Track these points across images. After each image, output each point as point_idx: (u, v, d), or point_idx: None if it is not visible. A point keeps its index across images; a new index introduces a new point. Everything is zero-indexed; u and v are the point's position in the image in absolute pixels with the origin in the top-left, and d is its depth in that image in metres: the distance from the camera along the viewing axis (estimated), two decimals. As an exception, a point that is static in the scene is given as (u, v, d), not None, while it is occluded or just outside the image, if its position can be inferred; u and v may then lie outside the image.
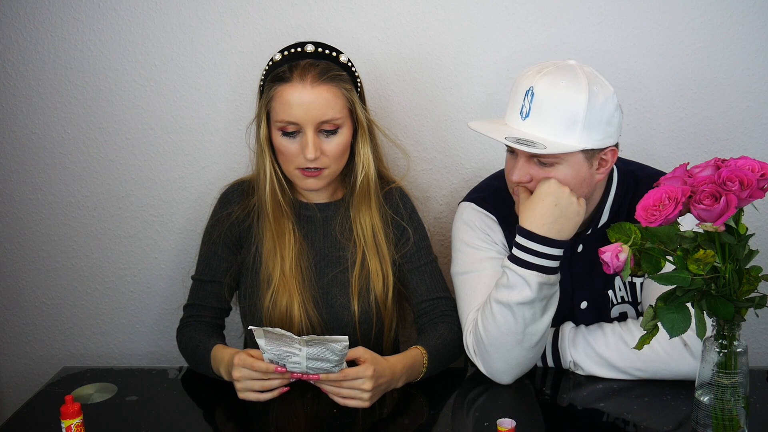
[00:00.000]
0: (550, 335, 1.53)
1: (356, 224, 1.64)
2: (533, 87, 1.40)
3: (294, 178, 1.59)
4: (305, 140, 1.51)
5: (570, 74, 1.40)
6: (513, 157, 1.48)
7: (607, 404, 1.43)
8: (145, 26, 1.90)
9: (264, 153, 1.58)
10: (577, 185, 1.43)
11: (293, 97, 1.50)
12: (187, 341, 1.61)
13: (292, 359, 1.36)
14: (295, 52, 1.54)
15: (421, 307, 1.64)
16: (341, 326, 1.61)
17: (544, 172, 1.43)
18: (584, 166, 1.43)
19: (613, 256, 1.05)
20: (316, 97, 1.50)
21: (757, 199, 1.03)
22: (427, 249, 1.69)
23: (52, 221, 2.04)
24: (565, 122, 1.38)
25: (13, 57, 1.93)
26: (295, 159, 1.54)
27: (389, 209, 1.67)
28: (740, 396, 1.12)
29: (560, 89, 1.39)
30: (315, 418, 1.44)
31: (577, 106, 1.38)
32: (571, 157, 1.41)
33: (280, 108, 1.51)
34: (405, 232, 1.67)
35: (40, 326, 2.11)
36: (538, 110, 1.40)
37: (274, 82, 1.52)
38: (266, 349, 1.36)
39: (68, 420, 1.27)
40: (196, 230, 2.02)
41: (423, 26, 1.89)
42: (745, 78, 1.88)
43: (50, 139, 1.98)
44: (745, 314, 1.08)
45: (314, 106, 1.50)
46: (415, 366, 1.49)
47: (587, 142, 1.40)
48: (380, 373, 1.40)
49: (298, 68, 1.51)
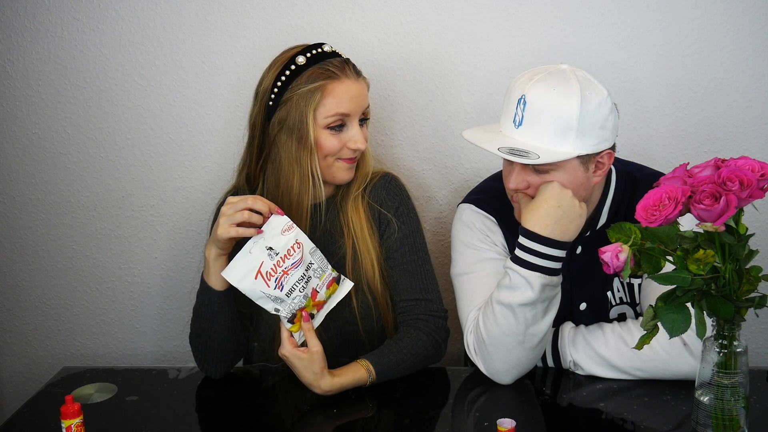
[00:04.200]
0: (550, 335, 1.53)
1: (346, 215, 1.64)
2: (525, 95, 1.40)
3: (335, 171, 1.59)
4: (354, 131, 1.56)
5: (562, 80, 1.40)
6: (509, 164, 1.48)
7: (607, 404, 1.43)
8: (145, 26, 1.90)
9: (311, 153, 1.54)
10: (574, 190, 1.43)
11: (347, 90, 1.54)
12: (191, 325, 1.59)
13: None
14: (318, 53, 1.56)
15: (399, 306, 1.61)
16: (343, 323, 1.60)
17: (540, 178, 1.44)
18: (580, 171, 1.43)
19: (613, 256, 1.05)
20: (362, 88, 1.57)
21: (757, 199, 1.03)
22: (414, 246, 1.64)
23: (52, 221, 2.04)
24: (559, 130, 1.38)
25: (13, 57, 1.93)
26: (338, 152, 1.57)
27: (372, 199, 1.65)
28: (740, 396, 1.12)
29: (552, 96, 1.38)
30: (315, 418, 1.43)
31: (570, 113, 1.37)
32: (567, 164, 1.41)
33: (334, 103, 1.53)
34: (390, 225, 1.64)
35: (40, 326, 2.12)
36: (531, 118, 1.39)
37: (316, 81, 1.52)
38: None
39: (68, 420, 1.27)
40: (196, 230, 2.02)
41: (423, 26, 1.90)
42: (745, 78, 1.88)
43: (50, 139, 1.98)
44: (745, 314, 1.07)
45: (361, 97, 1.57)
46: (356, 383, 1.48)
47: (581, 148, 1.40)
48: (312, 363, 1.43)
49: (339, 65, 1.55)
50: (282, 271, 1.41)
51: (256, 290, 1.40)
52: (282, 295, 1.41)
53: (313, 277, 1.45)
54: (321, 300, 1.46)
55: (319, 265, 1.46)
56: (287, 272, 1.41)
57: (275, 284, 1.40)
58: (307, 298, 1.44)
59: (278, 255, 1.40)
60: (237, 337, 1.57)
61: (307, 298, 1.44)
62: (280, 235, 1.41)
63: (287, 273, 1.41)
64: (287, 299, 1.42)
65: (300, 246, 1.42)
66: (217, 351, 1.55)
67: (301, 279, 1.43)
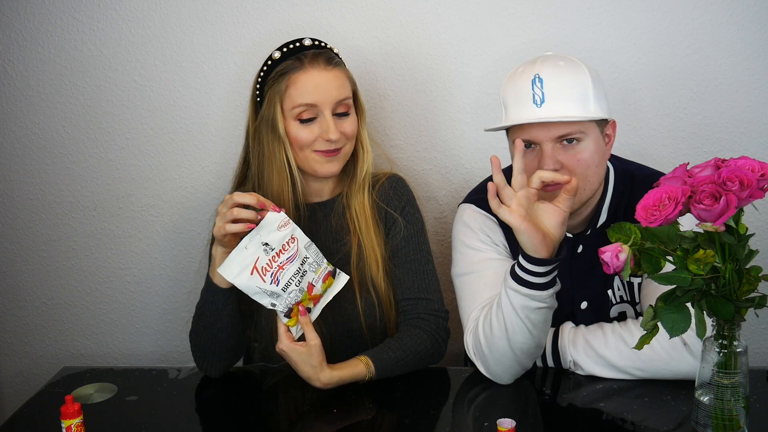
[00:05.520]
0: (550, 335, 1.53)
1: (352, 212, 1.64)
2: (539, 74, 1.44)
3: (313, 164, 1.57)
4: (325, 122, 1.53)
5: (560, 57, 1.49)
6: (532, 152, 1.47)
7: (607, 404, 1.42)
8: (145, 26, 1.90)
9: (284, 146, 1.55)
10: (600, 160, 1.48)
11: (310, 80, 1.52)
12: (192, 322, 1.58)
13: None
14: (294, 47, 1.56)
15: (401, 305, 1.62)
16: (346, 320, 1.60)
17: (570, 154, 1.44)
18: (600, 140, 1.49)
19: (613, 256, 1.05)
20: (332, 78, 1.54)
21: (757, 199, 1.03)
22: (418, 246, 1.65)
23: (52, 221, 2.04)
24: (580, 96, 1.45)
25: (13, 57, 1.93)
26: (313, 143, 1.55)
27: (381, 200, 1.65)
28: (740, 396, 1.11)
29: (563, 69, 1.46)
30: (315, 418, 1.43)
31: (584, 79, 1.46)
32: (592, 132, 1.46)
33: (296, 94, 1.52)
34: (396, 224, 1.65)
35: (40, 326, 2.12)
36: (553, 92, 1.44)
37: (284, 73, 1.53)
38: None
39: (68, 420, 1.27)
40: (196, 230, 2.02)
41: (423, 26, 1.90)
42: (745, 78, 1.88)
43: (50, 139, 1.98)
44: (745, 314, 1.07)
45: (331, 86, 1.54)
46: (354, 377, 1.49)
47: (601, 111, 1.47)
48: (311, 356, 1.43)
49: (307, 56, 1.54)
50: (277, 266, 1.41)
51: (252, 286, 1.40)
52: (278, 290, 1.41)
53: (309, 272, 1.45)
54: (317, 294, 1.47)
55: (315, 259, 1.46)
56: (282, 267, 1.41)
57: (271, 279, 1.40)
58: (303, 292, 1.44)
59: (273, 250, 1.41)
60: (238, 336, 1.57)
61: (303, 292, 1.44)
62: (276, 231, 1.41)
63: (282, 268, 1.41)
64: (283, 294, 1.42)
65: (295, 240, 1.43)
66: (218, 349, 1.55)
67: (297, 273, 1.43)
